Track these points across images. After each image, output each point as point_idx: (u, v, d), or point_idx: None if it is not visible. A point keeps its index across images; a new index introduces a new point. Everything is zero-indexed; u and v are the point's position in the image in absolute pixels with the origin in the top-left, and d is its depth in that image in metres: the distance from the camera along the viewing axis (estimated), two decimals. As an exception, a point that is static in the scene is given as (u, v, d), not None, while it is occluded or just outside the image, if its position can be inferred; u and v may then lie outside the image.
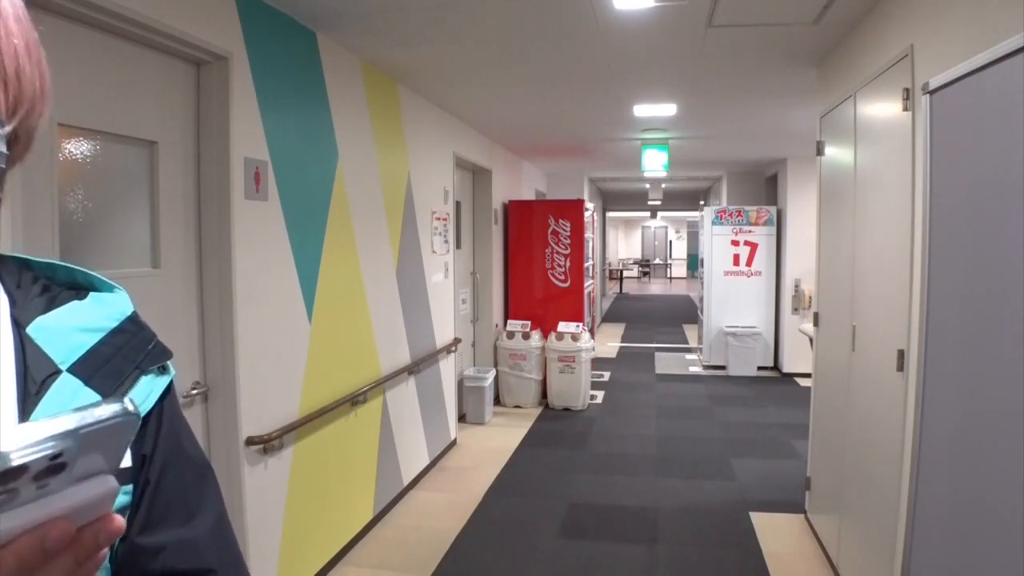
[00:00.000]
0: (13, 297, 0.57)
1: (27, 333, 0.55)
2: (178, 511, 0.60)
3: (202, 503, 0.63)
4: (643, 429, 6.03)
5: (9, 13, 0.50)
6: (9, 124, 0.50)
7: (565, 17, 3.10)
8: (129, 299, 0.62)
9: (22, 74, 0.50)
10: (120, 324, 0.60)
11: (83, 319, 0.58)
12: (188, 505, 0.62)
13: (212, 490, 0.65)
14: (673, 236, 28.90)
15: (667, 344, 10.84)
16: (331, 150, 3.42)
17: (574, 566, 3.50)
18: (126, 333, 0.60)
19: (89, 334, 0.57)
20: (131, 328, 0.61)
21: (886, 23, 2.75)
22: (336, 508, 3.49)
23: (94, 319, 0.59)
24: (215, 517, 0.63)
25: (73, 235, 2.07)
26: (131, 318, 0.61)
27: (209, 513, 0.63)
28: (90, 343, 0.57)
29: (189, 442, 0.65)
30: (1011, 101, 1.68)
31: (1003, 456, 1.71)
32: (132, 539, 0.57)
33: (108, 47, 2.15)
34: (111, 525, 0.40)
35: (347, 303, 3.61)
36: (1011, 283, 1.68)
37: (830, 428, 3.47)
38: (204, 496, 0.64)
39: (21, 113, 0.51)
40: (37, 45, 0.53)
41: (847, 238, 3.19)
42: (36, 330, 0.55)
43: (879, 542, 2.66)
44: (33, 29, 0.53)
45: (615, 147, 7.42)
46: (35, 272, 0.61)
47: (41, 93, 0.53)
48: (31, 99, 0.52)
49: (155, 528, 0.58)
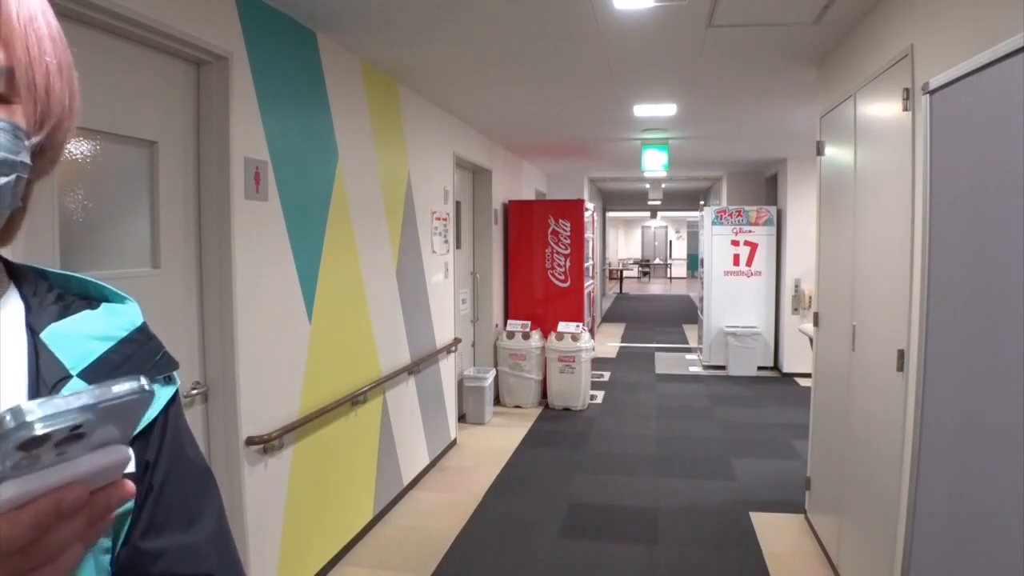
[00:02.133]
0: (29, 304, 0.59)
1: (41, 339, 0.57)
2: (180, 517, 0.62)
3: (203, 509, 0.64)
4: (643, 429, 6.03)
5: (45, 34, 0.54)
6: (36, 136, 0.53)
7: (565, 17, 3.10)
8: (140, 310, 0.64)
9: (51, 91, 0.54)
10: (130, 334, 0.62)
11: (95, 328, 0.60)
12: (189, 511, 0.63)
13: (213, 496, 0.67)
14: (673, 236, 28.90)
15: (667, 344, 10.84)
16: (331, 150, 3.42)
17: (574, 566, 3.50)
18: (135, 343, 0.62)
19: (100, 342, 0.59)
20: (140, 338, 0.63)
21: (886, 23, 2.75)
22: (336, 508, 3.49)
23: (105, 328, 0.61)
24: (215, 523, 0.65)
25: (73, 235, 2.07)
26: (140, 328, 0.63)
27: (209, 519, 0.64)
28: (100, 351, 0.59)
29: (192, 449, 0.66)
30: (1011, 101, 1.68)
31: (1003, 456, 1.71)
32: (134, 543, 0.58)
33: (108, 47, 2.15)
34: (122, 489, 0.43)
35: (347, 303, 3.61)
36: (1011, 283, 1.68)
37: (830, 428, 3.47)
38: (205, 502, 0.65)
39: (48, 128, 0.55)
40: (70, 66, 0.57)
41: (847, 238, 3.19)
42: (49, 336, 0.58)
43: (879, 542, 2.66)
44: (68, 50, 0.57)
45: (615, 147, 7.42)
46: (51, 282, 0.63)
47: (70, 111, 0.57)
48: (59, 115, 0.56)
49: (157, 533, 0.59)
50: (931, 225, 2.21)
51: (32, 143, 0.53)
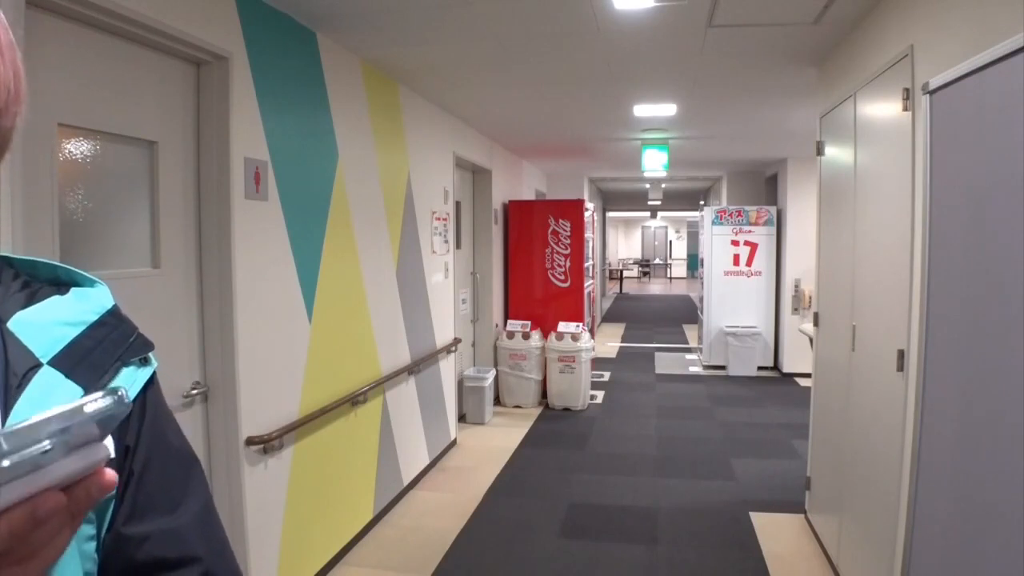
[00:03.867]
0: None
1: (7, 328, 0.55)
2: (163, 501, 0.60)
3: (187, 492, 0.63)
4: (643, 429, 6.03)
5: None
6: None
7: (565, 17, 3.10)
8: (110, 293, 0.63)
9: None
10: (101, 317, 0.60)
11: (64, 313, 0.58)
12: (172, 495, 0.62)
13: (197, 480, 0.65)
14: (673, 236, 28.89)
15: (667, 344, 10.84)
16: (331, 150, 3.42)
17: (574, 566, 3.50)
18: (107, 326, 0.60)
19: (70, 328, 0.58)
20: (112, 321, 0.61)
21: (886, 23, 2.75)
22: (336, 508, 3.49)
23: (75, 313, 0.59)
24: (200, 506, 0.63)
25: (73, 235, 2.07)
26: (112, 311, 0.61)
27: (194, 502, 0.63)
28: (71, 336, 0.57)
29: (173, 433, 0.65)
30: (1011, 101, 1.68)
31: (1003, 456, 1.71)
32: (117, 529, 0.57)
33: (108, 47, 2.15)
34: (102, 480, 0.42)
35: (347, 303, 3.61)
36: (1011, 283, 1.68)
37: (830, 428, 3.47)
38: (189, 486, 0.64)
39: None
40: (12, 47, 0.53)
41: (847, 238, 3.19)
42: (16, 325, 0.56)
43: (879, 542, 2.66)
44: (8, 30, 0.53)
45: (615, 147, 7.42)
46: (16, 269, 0.61)
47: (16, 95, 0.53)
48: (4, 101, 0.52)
49: (140, 518, 0.58)
50: (931, 225, 2.21)
51: None
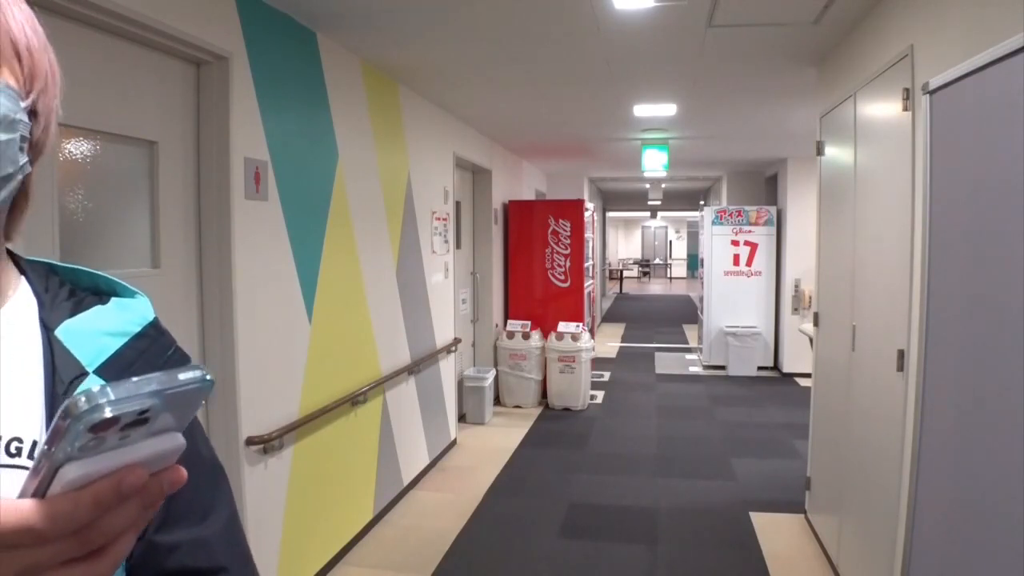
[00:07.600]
0: (42, 300, 0.59)
1: (55, 335, 0.57)
2: (193, 511, 0.62)
3: (215, 503, 0.65)
4: (643, 429, 6.03)
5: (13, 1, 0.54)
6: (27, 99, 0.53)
7: (565, 17, 3.10)
8: (150, 305, 0.64)
9: (33, 50, 0.54)
10: (143, 329, 0.62)
11: (107, 323, 0.60)
12: (202, 505, 0.63)
13: (224, 490, 0.67)
14: (673, 236, 28.89)
15: (667, 344, 10.84)
16: (331, 150, 3.42)
17: (574, 566, 3.50)
18: (148, 338, 0.62)
19: (113, 338, 0.59)
20: (152, 333, 0.63)
21: (886, 23, 2.75)
22: (336, 508, 3.49)
23: (118, 323, 0.60)
24: (227, 517, 0.65)
25: (73, 235, 2.07)
26: (153, 324, 0.63)
27: (222, 512, 0.65)
28: (115, 347, 0.59)
29: (203, 444, 0.67)
30: (1011, 101, 1.68)
31: (1003, 456, 1.71)
32: (149, 537, 0.58)
33: (108, 47, 2.15)
34: (176, 475, 0.44)
35: (347, 303, 3.61)
36: (1011, 283, 1.68)
37: (830, 428, 3.47)
38: (217, 496, 0.65)
39: (39, 86, 0.54)
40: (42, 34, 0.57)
41: (847, 238, 3.19)
42: (64, 333, 0.58)
43: (879, 542, 2.66)
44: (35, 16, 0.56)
45: (615, 147, 7.42)
46: (61, 277, 0.63)
47: (52, 73, 0.57)
48: (44, 76, 0.55)
49: (172, 526, 0.59)
50: (931, 225, 2.21)
51: (26, 104, 0.53)
